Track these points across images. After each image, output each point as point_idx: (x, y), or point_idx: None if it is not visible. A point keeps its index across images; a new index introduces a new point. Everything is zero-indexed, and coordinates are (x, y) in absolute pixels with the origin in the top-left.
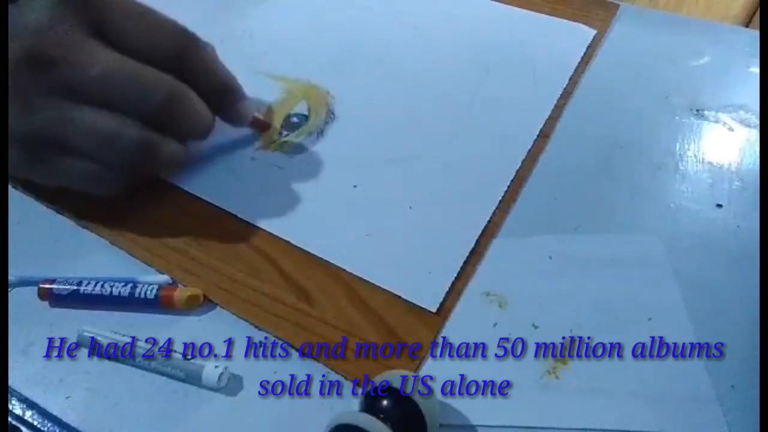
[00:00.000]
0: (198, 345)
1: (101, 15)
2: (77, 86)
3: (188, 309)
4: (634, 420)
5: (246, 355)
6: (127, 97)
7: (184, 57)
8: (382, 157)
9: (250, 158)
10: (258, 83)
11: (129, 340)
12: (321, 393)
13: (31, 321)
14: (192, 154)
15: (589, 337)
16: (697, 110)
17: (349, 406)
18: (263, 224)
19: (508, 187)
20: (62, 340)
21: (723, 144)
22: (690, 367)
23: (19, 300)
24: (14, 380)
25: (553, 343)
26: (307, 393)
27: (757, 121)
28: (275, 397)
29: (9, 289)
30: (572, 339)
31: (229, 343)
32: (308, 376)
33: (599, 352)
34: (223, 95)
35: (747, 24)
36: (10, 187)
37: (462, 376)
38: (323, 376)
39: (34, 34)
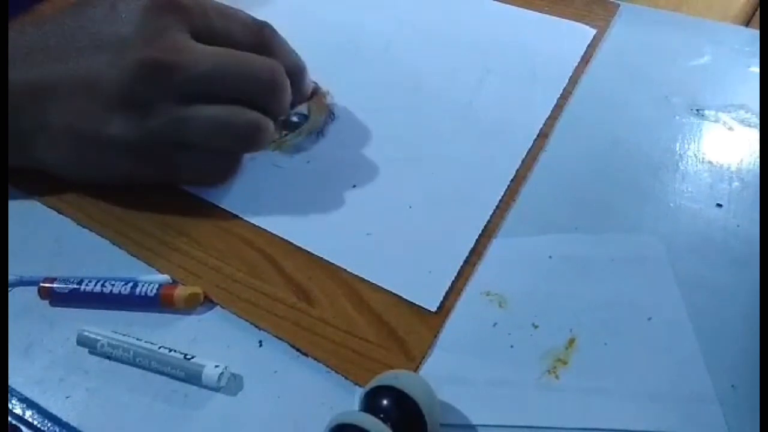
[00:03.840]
0: (198, 345)
1: (191, 16)
2: (193, 85)
3: (188, 308)
4: (634, 420)
5: (246, 355)
6: (239, 86)
7: (266, 42)
8: (382, 157)
9: (250, 157)
10: None
11: (129, 339)
12: (321, 393)
13: (31, 321)
14: None
15: (589, 337)
16: (697, 110)
17: (349, 406)
18: (263, 224)
19: (508, 187)
20: (62, 340)
21: (723, 144)
22: (690, 367)
23: (19, 300)
24: (14, 380)
25: (553, 343)
26: (307, 392)
27: (757, 121)
28: (275, 397)
29: (9, 289)
30: (572, 339)
31: (229, 343)
32: (308, 376)
33: (599, 352)
34: (296, 75)
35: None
36: (10, 187)
37: (462, 375)
38: (323, 375)
39: (140, 44)
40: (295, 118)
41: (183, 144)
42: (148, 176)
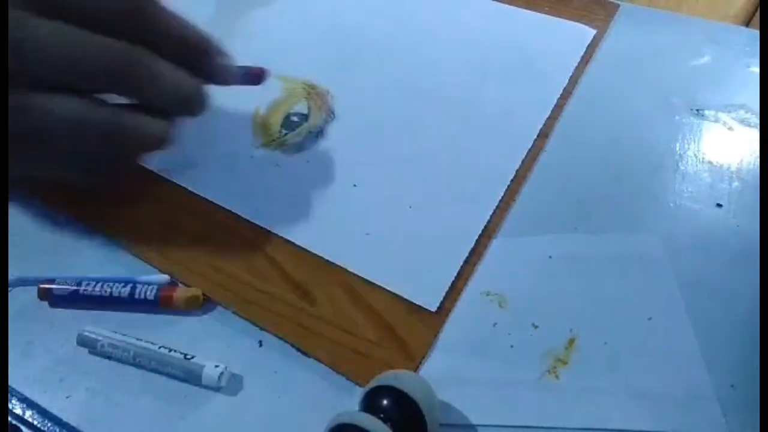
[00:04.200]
0: (198, 345)
1: None
2: (30, 68)
3: (188, 309)
4: (634, 420)
5: (246, 355)
6: (72, 70)
7: (137, 17)
8: (382, 157)
9: (250, 157)
10: None
11: (129, 339)
12: (321, 393)
13: (31, 321)
14: (186, 144)
15: (589, 337)
16: (697, 110)
17: (349, 405)
18: (263, 223)
19: (508, 186)
20: (62, 340)
21: (723, 144)
22: (690, 367)
23: (19, 300)
24: (14, 380)
25: (553, 343)
26: (307, 392)
27: (757, 121)
28: (275, 397)
29: (9, 289)
30: (572, 339)
31: (229, 343)
32: (308, 376)
33: (599, 352)
34: (194, 53)
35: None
36: (10, 187)
37: (462, 375)
38: (323, 375)
39: None
40: (295, 118)
41: (34, 138)
42: (27, 171)
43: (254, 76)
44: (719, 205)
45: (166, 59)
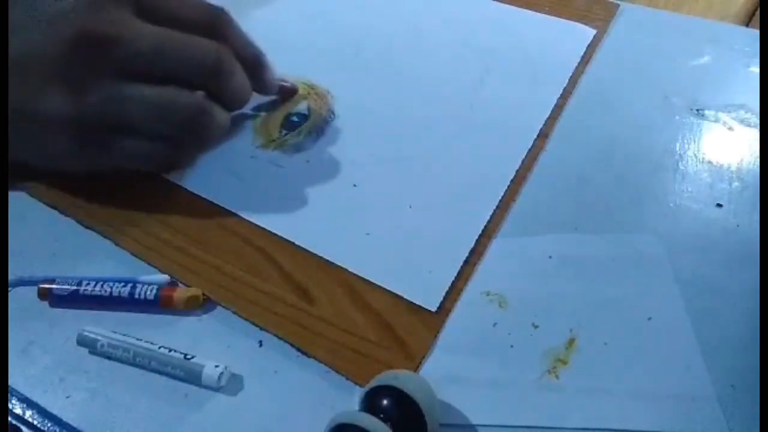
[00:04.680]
0: (198, 345)
1: None
2: (131, 63)
3: (188, 309)
4: (634, 420)
5: (246, 355)
6: (180, 67)
7: (219, 28)
8: (382, 157)
9: (250, 157)
10: None
11: (129, 339)
12: (321, 393)
13: (31, 321)
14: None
15: (589, 337)
16: (697, 110)
17: (349, 405)
18: (263, 223)
19: (508, 187)
20: (62, 340)
21: (723, 144)
22: (690, 367)
23: (19, 300)
24: (14, 380)
25: (553, 343)
26: (307, 392)
27: (757, 121)
28: (275, 397)
29: (9, 289)
30: (572, 339)
31: (229, 343)
32: (308, 375)
33: (599, 352)
34: (254, 64)
35: (747, 23)
36: (10, 187)
37: (462, 375)
38: (323, 375)
39: (80, 16)
40: (295, 118)
41: (121, 125)
42: (92, 160)
43: (288, 92)
44: (719, 205)
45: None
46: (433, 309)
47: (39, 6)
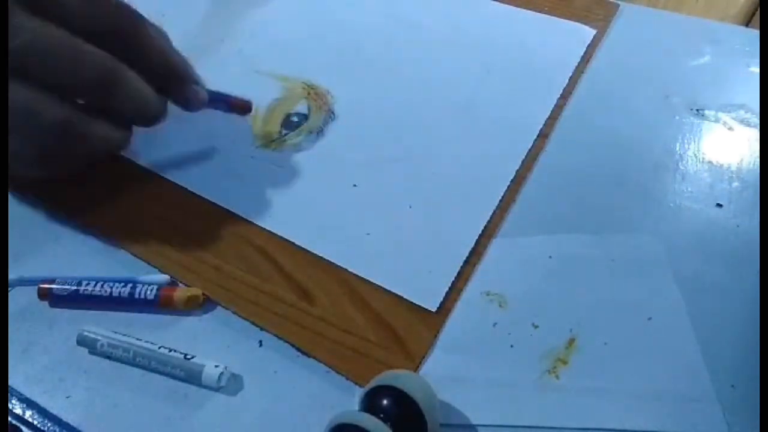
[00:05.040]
0: (198, 345)
1: None
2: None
3: (188, 309)
4: (634, 420)
5: (246, 355)
6: (52, 72)
7: (126, 35)
8: (382, 157)
9: (250, 157)
10: (258, 83)
11: (129, 339)
12: (321, 393)
13: (31, 321)
14: (186, 145)
15: (589, 337)
16: (697, 110)
17: (349, 405)
18: (263, 223)
19: (508, 187)
20: (62, 340)
21: (723, 144)
22: (690, 367)
23: (19, 300)
24: (14, 380)
25: (553, 343)
26: (307, 392)
27: (757, 121)
28: (275, 397)
29: (9, 289)
30: (572, 339)
31: (229, 343)
32: (308, 375)
33: (599, 352)
34: (170, 78)
35: (747, 23)
36: (10, 187)
37: (462, 375)
38: (323, 375)
39: None
40: (295, 118)
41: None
42: None
43: (240, 106)
44: (719, 205)
45: (142, 75)
46: (433, 309)
47: None
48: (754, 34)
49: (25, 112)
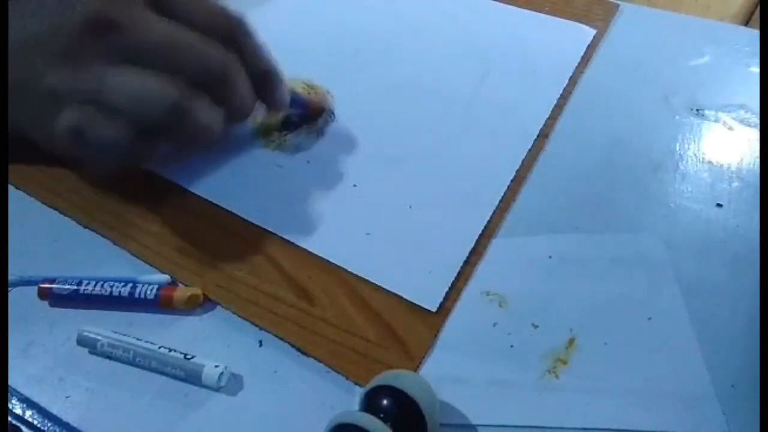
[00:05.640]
0: (198, 345)
1: None
2: (135, 52)
3: (188, 309)
4: (634, 420)
5: (246, 355)
6: (183, 65)
7: (235, 37)
8: (382, 157)
9: (250, 157)
10: None
11: (129, 339)
12: (321, 393)
13: (31, 321)
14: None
15: (589, 337)
16: (697, 110)
17: (349, 405)
18: (263, 223)
19: (508, 187)
20: (62, 340)
21: (723, 144)
22: (690, 367)
23: (19, 300)
24: (14, 380)
25: (553, 343)
26: (307, 392)
27: (757, 121)
28: (275, 397)
29: (9, 289)
30: (572, 339)
31: (229, 342)
32: (308, 376)
33: (599, 352)
34: (264, 79)
35: (747, 23)
36: (10, 187)
37: (462, 375)
38: (323, 375)
39: (99, 1)
40: (295, 118)
41: (103, 103)
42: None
43: (316, 109)
44: (719, 205)
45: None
46: (433, 309)
47: None
48: (754, 33)
49: (143, 91)
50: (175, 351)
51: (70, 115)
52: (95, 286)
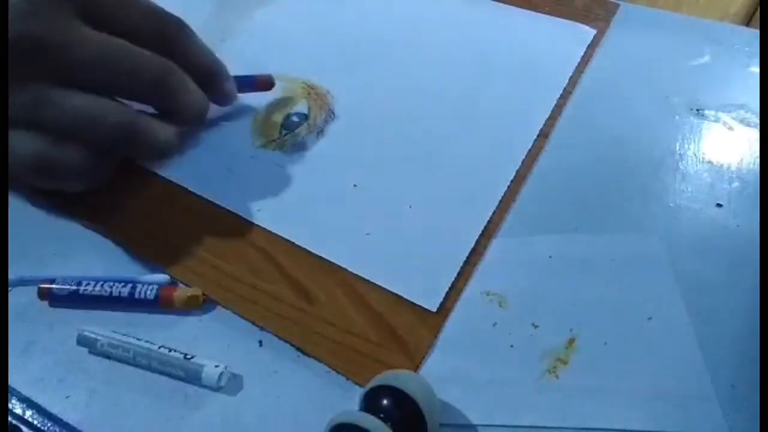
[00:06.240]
0: (198, 345)
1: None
2: (69, 70)
3: (188, 309)
4: (634, 420)
5: (246, 355)
6: (117, 78)
7: (172, 38)
8: (382, 157)
9: (250, 157)
10: None
11: (129, 339)
12: (321, 393)
13: (31, 321)
14: (186, 145)
15: (589, 337)
16: (697, 110)
17: (349, 405)
18: (263, 223)
19: (508, 187)
20: (62, 340)
21: (723, 143)
22: (690, 367)
23: (19, 300)
24: (14, 380)
25: (553, 343)
26: (307, 392)
27: (757, 121)
28: (275, 397)
29: (9, 289)
30: (572, 339)
31: (229, 342)
32: (308, 375)
33: (599, 352)
34: (210, 76)
35: (747, 23)
36: (10, 186)
37: (462, 375)
38: (323, 375)
39: (24, 18)
40: (295, 118)
41: (49, 129)
42: (13, 160)
43: (263, 85)
44: (719, 205)
45: (189, 76)
46: (433, 309)
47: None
48: (754, 34)
49: (89, 118)
50: (175, 351)
51: (25, 145)
52: (95, 286)
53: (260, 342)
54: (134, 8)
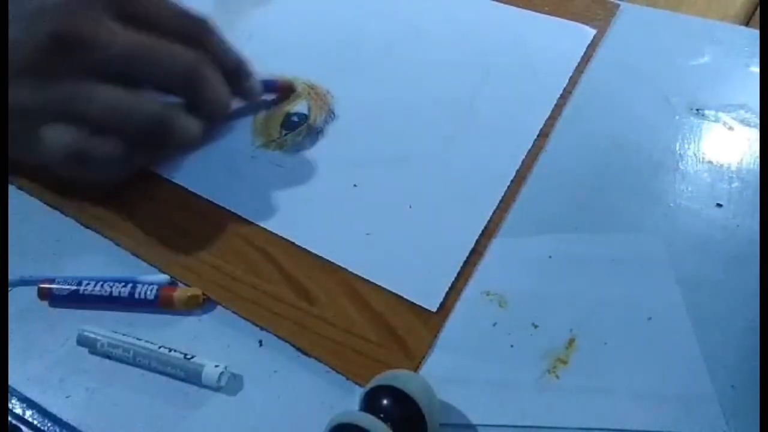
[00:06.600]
0: (198, 345)
1: None
2: (103, 65)
3: (188, 309)
4: (634, 420)
5: (246, 355)
6: (152, 74)
7: (199, 35)
8: (382, 157)
9: (251, 157)
10: None
11: (129, 339)
12: (321, 393)
13: (31, 321)
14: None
15: (589, 337)
16: (697, 110)
17: (349, 405)
18: (264, 223)
19: (508, 187)
20: (62, 340)
21: (723, 143)
22: (690, 367)
23: (19, 300)
24: (14, 380)
25: (553, 343)
26: (307, 392)
27: (757, 121)
28: (275, 397)
29: (9, 289)
30: (572, 339)
31: (229, 342)
32: (308, 376)
33: (599, 352)
34: (235, 73)
35: (747, 23)
36: (10, 187)
37: (462, 375)
38: (323, 375)
39: (59, 15)
40: (295, 118)
41: (80, 121)
42: (48, 155)
43: (284, 89)
44: (719, 205)
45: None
46: (433, 309)
47: (27, 5)
48: (754, 33)
49: (124, 111)
50: (175, 351)
51: (61, 137)
52: (95, 286)
53: (260, 342)
54: (163, 6)
